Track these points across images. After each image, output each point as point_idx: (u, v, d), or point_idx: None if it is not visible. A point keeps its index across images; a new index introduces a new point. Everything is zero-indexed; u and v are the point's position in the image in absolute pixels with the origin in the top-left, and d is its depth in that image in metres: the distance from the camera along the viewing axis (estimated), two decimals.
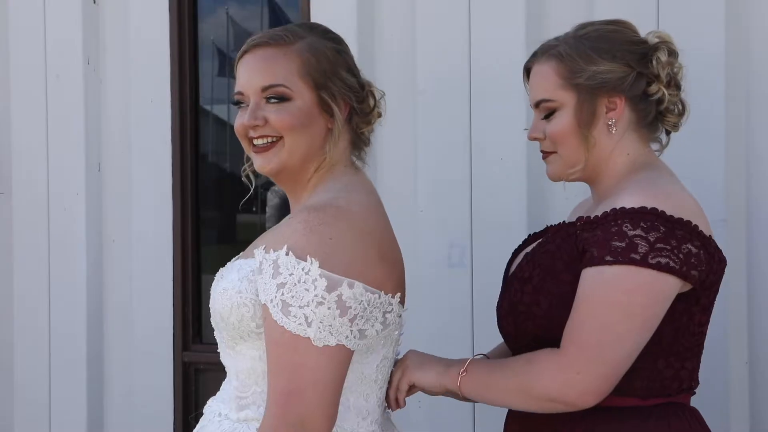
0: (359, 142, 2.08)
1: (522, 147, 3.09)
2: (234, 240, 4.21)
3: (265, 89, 1.98)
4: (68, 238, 4.05)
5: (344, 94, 2.01)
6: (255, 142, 2.00)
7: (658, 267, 1.90)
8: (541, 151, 2.17)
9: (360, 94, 2.04)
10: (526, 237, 2.33)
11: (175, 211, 3.88)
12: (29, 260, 4.16)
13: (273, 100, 1.97)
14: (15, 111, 4.18)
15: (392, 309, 1.94)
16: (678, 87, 2.15)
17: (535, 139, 2.16)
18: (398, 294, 1.96)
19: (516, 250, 2.30)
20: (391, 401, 2.11)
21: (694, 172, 2.81)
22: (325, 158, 2.00)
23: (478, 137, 3.22)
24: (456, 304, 3.24)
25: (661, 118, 2.15)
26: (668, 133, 2.21)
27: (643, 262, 1.89)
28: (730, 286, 2.80)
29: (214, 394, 2.11)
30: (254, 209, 4.15)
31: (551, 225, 2.23)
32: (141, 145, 3.92)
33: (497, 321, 2.17)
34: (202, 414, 2.10)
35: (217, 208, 4.20)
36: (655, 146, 2.19)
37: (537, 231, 2.31)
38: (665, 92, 2.11)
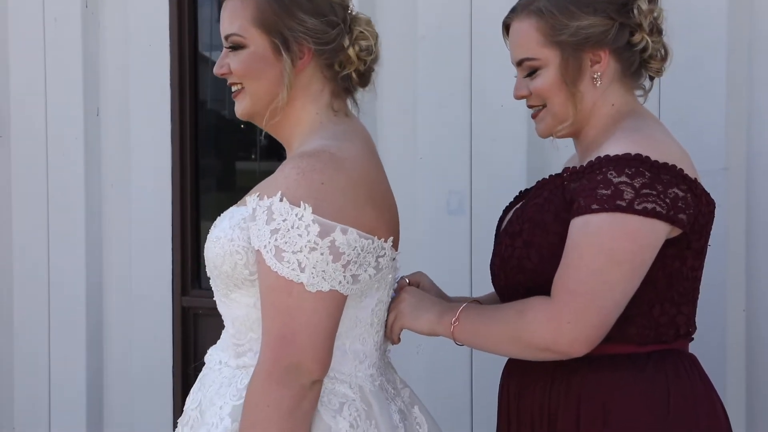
0: (343, 84, 2.05)
1: None
2: (233, 187, 4.22)
3: (226, 38, 2.02)
4: (67, 183, 4.05)
5: (300, 38, 1.98)
6: (232, 88, 2.06)
7: (645, 213, 1.89)
8: (529, 107, 2.15)
9: (324, 35, 1.99)
10: (517, 194, 2.32)
11: (174, 155, 3.88)
12: (28, 204, 4.16)
13: (234, 49, 2.01)
14: (13, 54, 4.16)
15: (385, 253, 1.95)
16: (660, 32, 2.12)
17: (522, 97, 2.14)
18: (391, 238, 1.97)
19: (507, 207, 2.30)
20: (388, 338, 2.13)
21: (696, 121, 2.81)
22: (300, 105, 2.01)
23: (478, 84, 3.21)
24: (455, 251, 3.25)
25: (645, 65, 2.13)
26: (652, 78, 2.19)
27: (629, 209, 1.89)
28: (729, 234, 2.81)
29: (213, 339, 2.13)
30: (253, 156, 4.15)
31: (542, 179, 2.22)
32: (140, 89, 3.91)
33: (491, 278, 2.18)
34: (204, 364, 2.12)
35: (216, 154, 4.20)
36: (638, 92, 2.17)
37: (528, 188, 2.30)
38: (649, 40, 2.08)
